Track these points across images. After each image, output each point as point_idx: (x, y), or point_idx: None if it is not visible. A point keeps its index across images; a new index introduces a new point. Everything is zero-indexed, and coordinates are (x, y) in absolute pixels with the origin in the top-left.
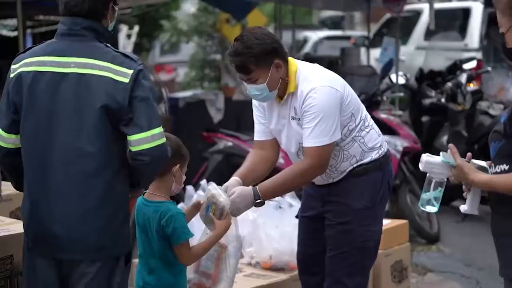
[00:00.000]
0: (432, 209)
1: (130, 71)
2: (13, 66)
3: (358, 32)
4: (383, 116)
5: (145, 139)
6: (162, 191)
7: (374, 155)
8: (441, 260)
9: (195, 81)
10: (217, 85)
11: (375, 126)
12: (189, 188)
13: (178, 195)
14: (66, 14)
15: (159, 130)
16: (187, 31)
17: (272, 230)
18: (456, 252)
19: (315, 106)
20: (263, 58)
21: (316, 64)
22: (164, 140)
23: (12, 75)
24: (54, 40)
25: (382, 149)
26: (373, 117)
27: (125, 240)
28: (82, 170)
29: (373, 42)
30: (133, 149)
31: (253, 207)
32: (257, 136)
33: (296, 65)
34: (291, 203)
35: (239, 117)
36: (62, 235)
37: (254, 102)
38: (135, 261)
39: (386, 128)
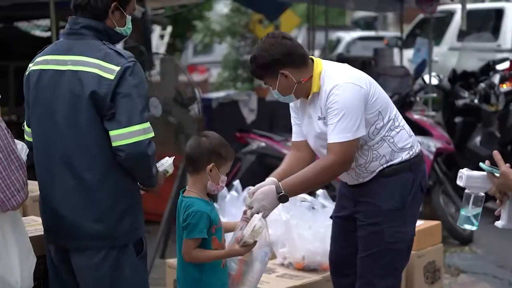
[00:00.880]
0: (471, 227)
1: (117, 68)
2: (29, 65)
3: (391, 32)
4: (416, 117)
5: (122, 135)
6: (196, 188)
7: (405, 156)
8: (474, 261)
9: (228, 82)
10: (250, 85)
11: (406, 126)
12: None
13: (211, 195)
14: (72, 10)
15: (139, 126)
16: (220, 31)
17: (305, 230)
18: (489, 253)
19: (337, 102)
20: (267, 69)
21: (345, 64)
22: (144, 137)
23: (25, 74)
24: (61, 39)
25: (414, 150)
26: (406, 118)
27: (127, 230)
28: (78, 163)
29: (406, 42)
30: (113, 144)
31: (283, 207)
32: (293, 137)
33: (321, 66)
34: (324, 204)
35: (272, 118)
36: (64, 224)
37: (290, 103)
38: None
39: (419, 129)
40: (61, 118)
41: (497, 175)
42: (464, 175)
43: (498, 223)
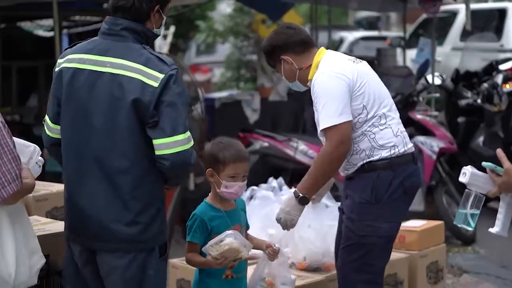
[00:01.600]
0: (467, 227)
1: (161, 76)
2: (58, 61)
3: (394, 32)
4: (419, 116)
5: (166, 144)
6: (212, 194)
7: (385, 154)
8: (476, 262)
9: (231, 82)
10: (253, 85)
11: (395, 126)
12: None
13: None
14: (111, 10)
15: (183, 136)
16: (223, 31)
17: (307, 230)
18: (492, 254)
19: (319, 91)
20: (271, 56)
21: (343, 55)
22: (188, 146)
23: (56, 69)
24: (97, 38)
25: (396, 149)
26: (408, 118)
27: (156, 233)
28: (112, 166)
29: (409, 42)
30: (156, 152)
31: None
32: None
33: (322, 56)
34: (327, 204)
35: (275, 118)
36: (92, 226)
37: None
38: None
39: (422, 129)
40: (98, 120)
41: (500, 173)
42: (469, 172)
43: (493, 230)
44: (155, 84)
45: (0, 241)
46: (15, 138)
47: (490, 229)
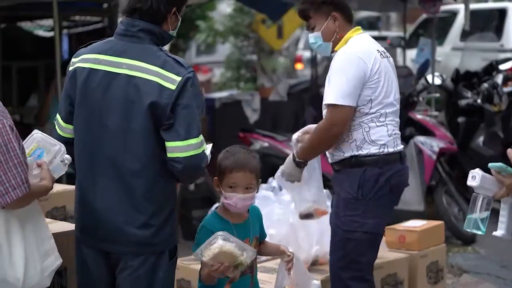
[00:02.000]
0: (478, 232)
1: (178, 78)
2: (72, 60)
3: (394, 32)
4: (419, 116)
5: (180, 148)
6: (221, 204)
7: (373, 150)
8: (477, 261)
9: (231, 82)
10: (253, 85)
11: (391, 127)
12: None
13: (215, 195)
14: (127, 11)
15: (197, 140)
16: (223, 31)
17: (309, 231)
18: (492, 254)
19: (337, 67)
20: (322, 7)
21: (373, 43)
22: (200, 150)
23: (70, 68)
24: (112, 39)
25: (386, 149)
26: (409, 118)
27: (168, 236)
28: (126, 168)
29: (409, 42)
30: (168, 155)
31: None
32: None
33: (355, 34)
34: (327, 204)
35: (275, 118)
36: (104, 227)
37: None
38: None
39: (422, 129)
40: (112, 121)
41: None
42: (479, 175)
43: (497, 233)
44: (173, 87)
45: (8, 245)
46: (43, 134)
47: (494, 233)
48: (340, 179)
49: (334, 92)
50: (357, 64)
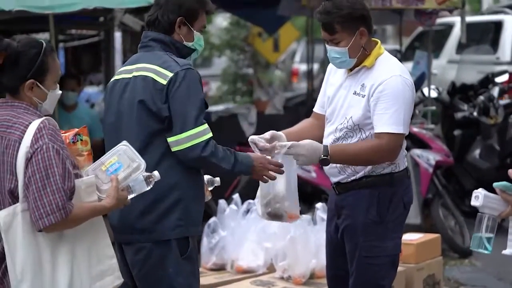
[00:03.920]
0: (484, 251)
1: (170, 74)
2: None
3: (390, 45)
4: (415, 129)
5: (177, 141)
6: None
7: (387, 169)
8: (473, 274)
9: (227, 95)
10: (250, 99)
11: (404, 145)
12: (221, 202)
13: (211, 208)
14: (146, 27)
15: (194, 130)
16: (219, 45)
17: (305, 245)
18: (488, 266)
19: (394, 94)
20: (350, 22)
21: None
22: (199, 140)
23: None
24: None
25: (398, 167)
26: None
27: (172, 226)
28: None
29: (405, 55)
30: (172, 149)
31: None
32: (316, 108)
33: (383, 49)
34: (323, 218)
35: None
36: (115, 218)
37: (328, 72)
38: None
39: (418, 142)
40: (125, 120)
41: None
42: (481, 195)
43: (507, 251)
44: (164, 82)
45: (52, 266)
46: (129, 147)
47: (504, 251)
48: (352, 202)
49: (395, 122)
50: (411, 91)
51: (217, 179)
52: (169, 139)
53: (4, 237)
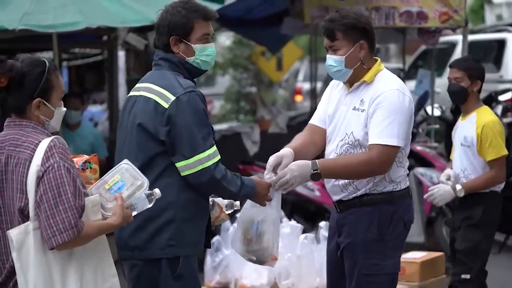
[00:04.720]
0: None
1: (173, 97)
2: None
3: (393, 64)
4: (419, 148)
5: (187, 166)
6: None
7: (388, 187)
8: None
9: (230, 114)
10: (253, 118)
11: (405, 164)
12: None
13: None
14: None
15: (203, 154)
16: (223, 63)
17: (309, 263)
18: (491, 285)
19: (392, 107)
20: (351, 31)
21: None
22: (210, 163)
23: None
24: None
25: (400, 185)
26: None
27: (163, 245)
28: None
29: (408, 74)
30: (181, 174)
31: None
32: (313, 120)
33: (382, 66)
34: (326, 236)
35: (275, 150)
36: (115, 235)
37: (330, 88)
38: None
39: (421, 160)
40: (126, 140)
41: None
42: None
43: None
44: (166, 105)
45: (62, 284)
46: (131, 166)
47: None
48: (353, 220)
49: (390, 134)
50: (409, 105)
51: (237, 203)
52: (178, 164)
53: (17, 256)
